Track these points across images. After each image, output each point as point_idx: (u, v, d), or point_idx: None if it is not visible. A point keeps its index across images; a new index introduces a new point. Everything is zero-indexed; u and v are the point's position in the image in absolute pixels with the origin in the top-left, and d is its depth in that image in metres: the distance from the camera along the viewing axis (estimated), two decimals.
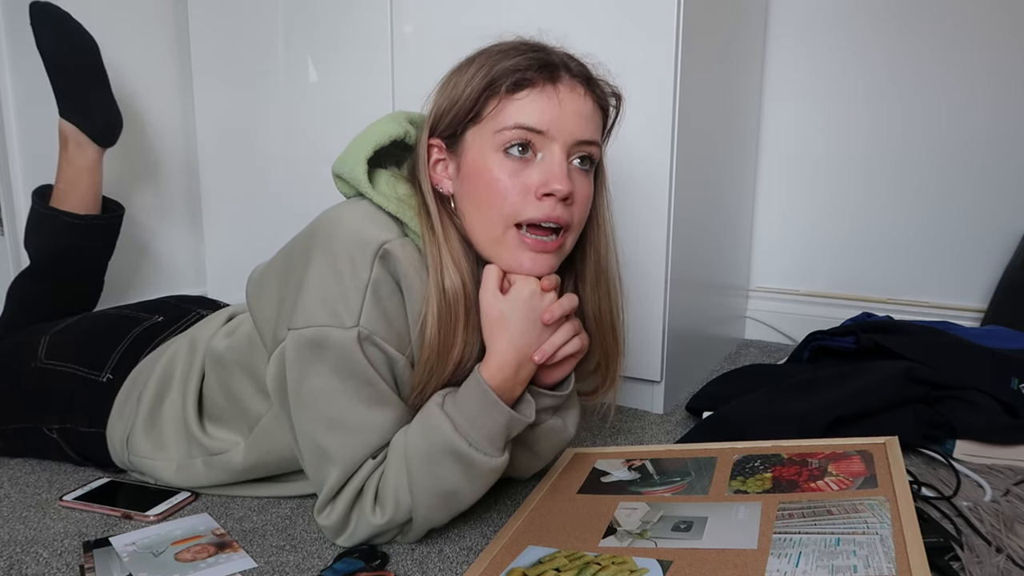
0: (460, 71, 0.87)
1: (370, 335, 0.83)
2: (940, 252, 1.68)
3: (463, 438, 0.82)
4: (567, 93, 0.84)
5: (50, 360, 1.09)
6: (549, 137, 0.83)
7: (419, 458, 0.83)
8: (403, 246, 0.85)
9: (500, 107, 0.83)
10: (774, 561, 0.72)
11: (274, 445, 0.95)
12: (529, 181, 0.83)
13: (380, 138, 0.90)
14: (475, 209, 0.86)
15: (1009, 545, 0.85)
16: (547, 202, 0.83)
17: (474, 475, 0.84)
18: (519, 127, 0.82)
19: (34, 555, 0.88)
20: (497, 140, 0.83)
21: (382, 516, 0.84)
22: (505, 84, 0.83)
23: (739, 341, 1.83)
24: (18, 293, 1.35)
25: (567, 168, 0.84)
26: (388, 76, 1.47)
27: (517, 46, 0.86)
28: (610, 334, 0.97)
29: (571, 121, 0.84)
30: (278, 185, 1.64)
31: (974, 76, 1.60)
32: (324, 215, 0.88)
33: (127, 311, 1.19)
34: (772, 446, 0.99)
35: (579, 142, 0.85)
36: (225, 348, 0.99)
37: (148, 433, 1.03)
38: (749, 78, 1.68)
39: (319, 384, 0.84)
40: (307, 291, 0.84)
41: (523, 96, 0.83)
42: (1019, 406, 1.11)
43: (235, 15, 1.61)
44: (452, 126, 0.86)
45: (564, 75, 0.84)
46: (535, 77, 0.83)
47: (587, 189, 0.88)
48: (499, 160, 0.83)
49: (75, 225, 1.37)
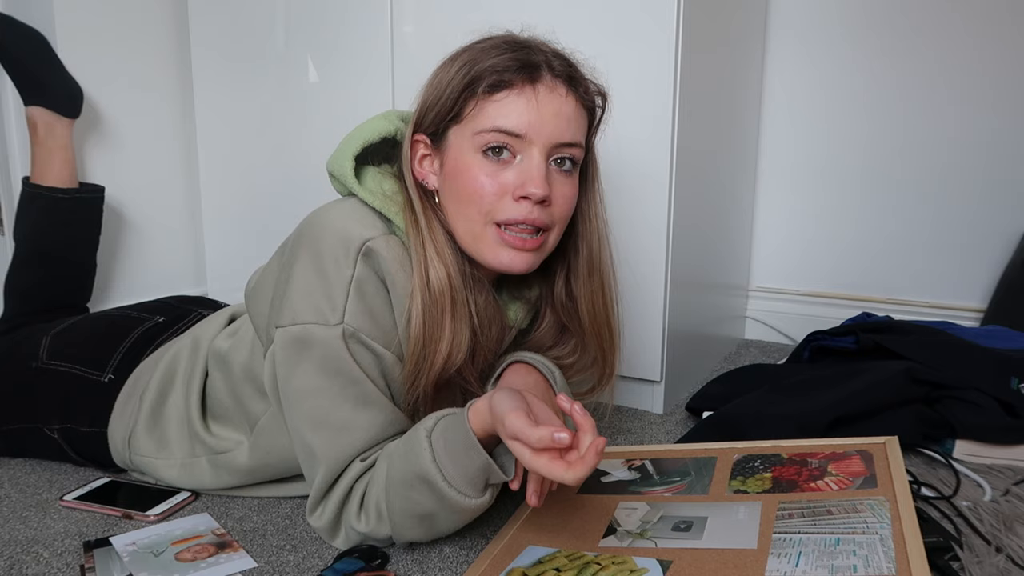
0: (444, 67, 0.87)
1: (355, 332, 0.83)
2: (940, 252, 1.68)
3: (439, 471, 0.78)
4: (547, 94, 0.83)
5: (51, 360, 1.09)
6: (527, 140, 0.82)
7: (396, 481, 0.81)
8: (387, 243, 0.85)
9: (479, 108, 0.83)
10: (774, 561, 0.72)
11: (275, 445, 0.96)
12: (507, 182, 0.83)
13: (370, 135, 0.91)
14: (456, 206, 0.86)
15: (1009, 545, 0.85)
16: (524, 204, 0.83)
17: (448, 509, 0.80)
18: (496, 130, 0.82)
19: (34, 555, 0.88)
20: (476, 141, 0.83)
21: (366, 524, 0.84)
22: (483, 85, 0.82)
23: (739, 341, 1.83)
24: (14, 287, 1.36)
25: (545, 170, 0.83)
26: (388, 76, 1.47)
27: (499, 44, 0.85)
28: (605, 327, 0.97)
29: (550, 123, 0.83)
30: (278, 185, 1.64)
31: (974, 76, 1.60)
32: (311, 215, 0.88)
33: (128, 311, 1.19)
34: (772, 446, 0.99)
35: (559, 144, 0.84)
36: (228, 348, 0.99)
37: (151, 432, 1.03)
38: (749, 79, 1.68)
39: (305, 383, 0.84)
40: (293, 289, 0.85)
41: (501, 98, 0.82)
42: (1019, 406, 1.11)
43: (235, 15, 1.61)
44: (435, 123, 0.86)
45: (545, 75, 0.83)
46: (513, 78, 0.82)
47: (568, 189, 0.87)
48: (478, 161, 0.83)
49: (59, 200, 1.40)
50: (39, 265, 1.38)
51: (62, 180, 1.42)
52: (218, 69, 1.66)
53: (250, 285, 0.97)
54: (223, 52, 1.65)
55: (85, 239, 1.46)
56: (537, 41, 0.87)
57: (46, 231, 1.39)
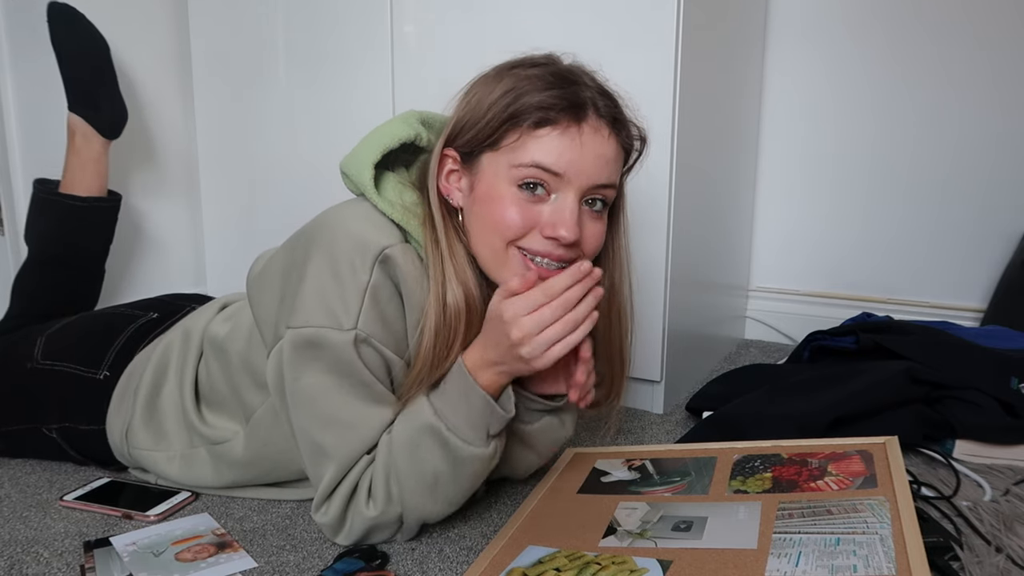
0: (486, 85, 0.85)
1: (367, 338, 0.83)
2: (940, 252, 1.68)
3: (441, 421, 0.82)
4: (591, 135, 0.82)
5: (46, 360, 1.10)
6: (565, 180, 0.81)
7: (401, 443, 0.83)
8: (404, 252, 0.84)
9: (520, 142, 0.81)
10: (774, 561, 0.72)
11: (271, 437, 0.95)
12: (538, 219, 0.82)
13: (389, 140, 0.89)
14: (481, 231, 0.85)
15: (1009, 545, 0.85)
16: (552, 243, 0.82)
17: (455, 460, 0.83)
18: (536, 166, 0.81)
19: (34, 555, 0.88)
20: (513, 174, 0.82)
21: (375, 508, 0.85)
22: (529, 120, 0.81)
23: (739, 341, 1.83)
24: (24, 288, 1.37)
25: (578, 214, 0.83)
26: (388, 76, 1.47)
27: (546, 76, 0.82)
28: (617, 357, 0.96)
29: (591, 165, 0.82)
30: (278, 185, 1.64)
31: (975, 77, 1.60)
32: (326, 214, 0.88)
33: (122, 309, 1.19)
34: (772, 446, 0.99)
35: (596, 186, 0.83)
36: (225, 335, 0.99)
37: (147, 425, 1.03)
38: (749, 77, 1.68)
39: (314, 381, 0.84)
40: (306, 291, 0.84)
41: (545, 134, 0.81)
42: (1019, 406, 1.11)
43: (235, 15, 1.61)
44: (471, 145, 0.85)
45: (591, 116, 0.82)
46: (559, 117, 0.81)
47: (598, 229, 0.86)
48: (512, 193, 0.82)
49: (75, 208, 1.40)
50: (50, 269, 1.38)
51: (91, 191, 1.43)
52: (218, 69, 1.66)
53: (253, 272, 0.96)
54: (223, 52, 1.65)
55: (97, 246, 1.46)
56: (582, 73, 0.85)
57: (59, 237, 1.40)
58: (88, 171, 1.42)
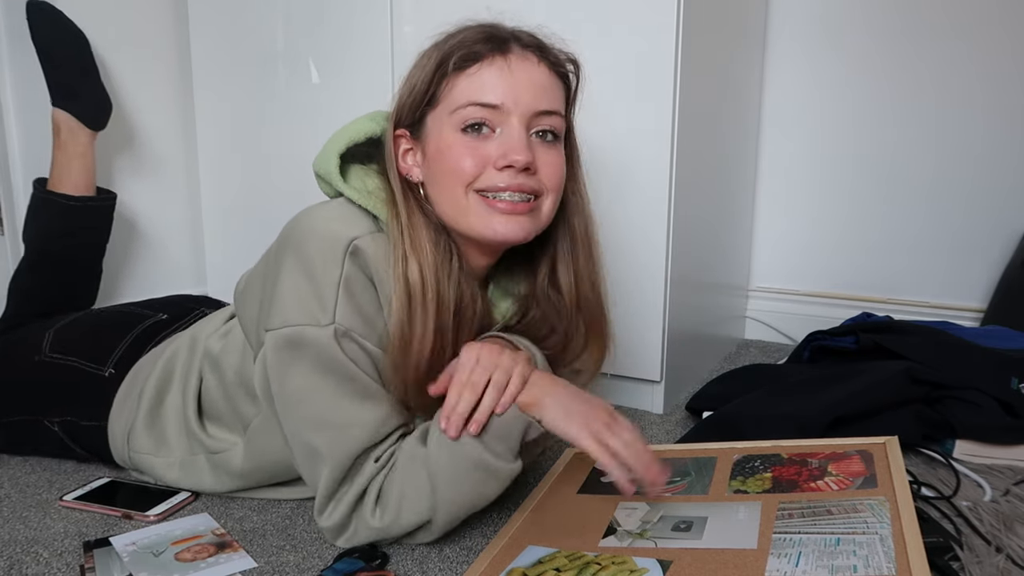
0: (417, 62, 0.87)
1: (347, 331, 0.83)
2: (940, 252, 1.68)
3: (489, 451, 0.81)
4: (519, 62, 0.83)
5: (54, 353, 1.10)
6: (505, 111, 0.82)
7: (447, 477, 0.82)
8: (374, 241, 0.84)
9: (451, 85, 0.83)
10: (774, 561, 0.72)
11: (269, 446, 0.95)
12: (488, 155, 0.83)
13: (354, 135, 0.91)
14: (440, 187, 0.85)
15: (1009, 545, 0.85)
16: (507, 172, 0.82)
17: (498, 482, 0.84)
18: (472, 104, 0.82)
19: (34, 555, 0.88)
20: (454, 120, 0.83)
21: (381, 520, 0.84)
22: (454, 60, 0.82)
23: (739, 341, 1.83)
24: (20, 287, 1.36)
25: (527, 140, 0.83)
26: (388, 76, 1.46)
27: (465, 25, 0.85)
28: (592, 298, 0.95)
29: (526, 91, 0.83)
30: (278, 185, 1.64)
31: (974, 77, 1.60)
32: (295, 218, 0.88)
33: (132, 308, 1.20)
34: (772, 446, 0.99)
35: (538, 113, 0.84)
36: (219, 351, 0.99)
37: (150, 430, 1.03)
38: (749, 77, 1.68)
39: (301, 383, 0.83)
40: (281, 292, 0.84)
41: (473, 72, 0.82)
42: (1019, 406, 1.11)
43: (235, 15, 1.61)
44: (412, 112, 0.86)
45: (514, 46, 0.84)
46: (483, 50, 0.82)
47: (554, 158, 0.86)
48: (459, 138, 0.83)
49: (71, 207, 1.40)
50: (46, 269, 1.38)
51: (79, 187, 1.41)
52: (218, 69, 1.66)
53: (239, 289, 0.97)
54: (223, 52, 1.65)
55: (93, 245, 1.46)
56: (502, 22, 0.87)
57: (55, 236, 1.39)
58: (75, 166, 1.41)
